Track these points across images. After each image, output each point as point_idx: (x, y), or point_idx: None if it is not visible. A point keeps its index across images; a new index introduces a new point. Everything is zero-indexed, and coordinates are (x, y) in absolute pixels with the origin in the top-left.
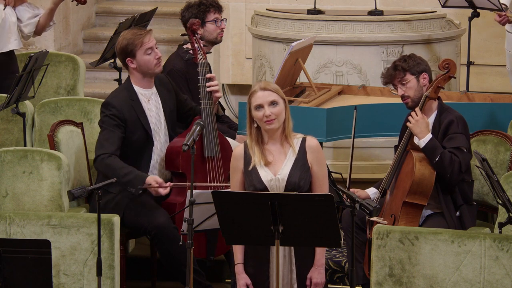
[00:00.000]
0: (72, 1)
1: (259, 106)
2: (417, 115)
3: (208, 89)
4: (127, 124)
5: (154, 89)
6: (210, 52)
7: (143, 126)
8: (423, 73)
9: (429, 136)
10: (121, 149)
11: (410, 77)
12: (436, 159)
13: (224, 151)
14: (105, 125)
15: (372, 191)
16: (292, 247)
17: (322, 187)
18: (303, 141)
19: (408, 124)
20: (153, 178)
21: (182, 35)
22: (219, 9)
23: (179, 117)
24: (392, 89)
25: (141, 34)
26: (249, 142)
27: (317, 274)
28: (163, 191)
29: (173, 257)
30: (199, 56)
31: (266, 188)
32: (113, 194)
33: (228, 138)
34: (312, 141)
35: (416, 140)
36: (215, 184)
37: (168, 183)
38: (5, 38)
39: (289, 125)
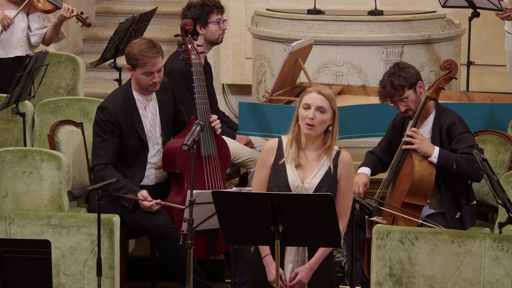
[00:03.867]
0: (76, 22)
1: (307, 106)
2: (416, 134)
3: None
4: (122, 130)
5: (153, 95)
6: (204, 52)
7: (138, 133)
8: (418, 82)
9: (437, 149)
10: (118, 154)
11: (408, 92)
12: (454, 166)
13: (221, 150)
14: (99, 132)
15: (366, 170)
16: (306, 250)
17: (346, 202)
18: (337, 154)
19: (412, 146)
20: (141, 193)
21: (176, 35)
22: (221, 10)
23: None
24: (391, 105)
25: (148, 56)
26: (289, 139)
27: (305, 273)
28: (146, 204)
29: (173, 257)
30: (193, 56)
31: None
32: (107, 199)
33: (227, 138)
34: (345, 156)
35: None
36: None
37: (156, 201)
38: (13, 43)
39: (334, 138)
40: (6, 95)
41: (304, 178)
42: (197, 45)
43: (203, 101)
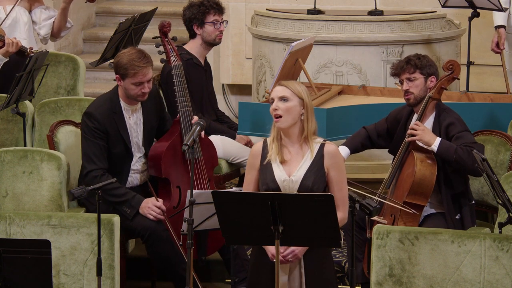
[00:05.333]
0: None
1: (272, 100)
2: (418, 126)
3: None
4: (108, 137)
5: (138, 105)
6: (183, 53)
7: (124, 140)
8: (432, 76)
9: (438, 139)
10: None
11: (419, 76)
12: (454, 157)
13: (207, 150)
14: (89, 137)
15: (345, 151)
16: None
17: (341, 191)
18: (322, 146)
19: (413, 138)
20: (146, 203)
21: (154, 37)
22: (219, 11)
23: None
24: (397, 83)
25: (139, 65)
26: (270, 138)
27: (301, 249)
28: (156, 209)
29: (166, 258)
30: (172, 58)
31: (278, 188)
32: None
33: (227, 138)
34: (330, 147)
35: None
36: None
37: (162, 217)
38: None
39: (310, 127)
40: (6, 95)
41: (290, 172)
42: (176, 46)
43: (185, 103)
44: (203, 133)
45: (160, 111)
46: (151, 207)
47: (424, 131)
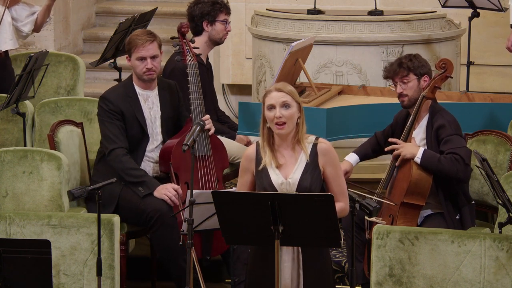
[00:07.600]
0: None
1: (271, 107)
2: (396, 144)
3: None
4: (124, 118)
5: (155, 91)
6: (200, 54)
7: (139, 122)
8: (425, 75)
9: (421, 150)
10: None
11: (412, 77)
12: (438, 166)
13: (217, 151)
14: (105, 118)
15: (353, 158)
16: (301, 251)
17: (340, 186)
18: (315, 145)
19: (395, 152)
20: (164, 185)
21: (172, 38)
22: (229, 11)
23: None
24: (391, 85)
25: (141, 39)
26: (261, 143)
27: None
28: (172, 190)
29: (168, 246)
30: (188, 58)
31: (276, 192)
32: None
33: (227, 139)
34: (323, 145)
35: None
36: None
37: (176, 201)
38: (2, 39)
39: (303, 130)
40: (6, 95)
41: (287, 175)
42: (193, 44)
43: (198, 102)
44: (213, 131)
45: (179, 107)
46: (168, 188)
47: (404, 146)
